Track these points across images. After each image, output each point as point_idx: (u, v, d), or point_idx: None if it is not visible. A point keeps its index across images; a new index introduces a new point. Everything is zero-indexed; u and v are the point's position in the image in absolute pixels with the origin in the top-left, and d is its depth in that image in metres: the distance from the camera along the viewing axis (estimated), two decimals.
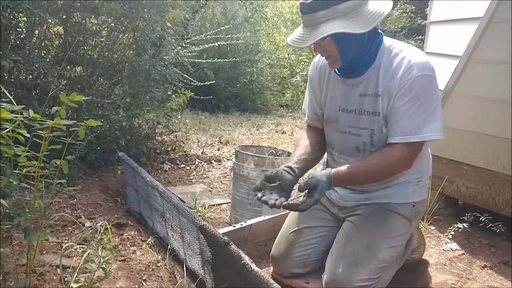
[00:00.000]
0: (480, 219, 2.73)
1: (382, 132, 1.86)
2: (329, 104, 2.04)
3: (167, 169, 4.14)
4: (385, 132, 1.86)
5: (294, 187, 1.93)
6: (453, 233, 2.68)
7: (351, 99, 1.93)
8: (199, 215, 2.83)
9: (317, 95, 2.11)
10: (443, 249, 2.71)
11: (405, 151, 1.79)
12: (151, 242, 2.40)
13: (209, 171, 4.31)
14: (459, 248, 2.72)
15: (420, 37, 8.44)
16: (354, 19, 1.69)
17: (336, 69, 1.95)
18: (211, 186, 3.80)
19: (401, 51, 1.82)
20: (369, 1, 1.75)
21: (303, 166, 2.00)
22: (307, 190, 1.79)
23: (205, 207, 3.17)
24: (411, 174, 1.99)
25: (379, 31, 1.87)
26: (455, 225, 2.70)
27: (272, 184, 1.85)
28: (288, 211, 2.23)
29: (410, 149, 1.79)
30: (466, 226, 2.67)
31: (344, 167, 1.83)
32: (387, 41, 1.87)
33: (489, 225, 2.71)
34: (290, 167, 1.91)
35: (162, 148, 4.58)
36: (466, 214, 2.80)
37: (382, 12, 1.73)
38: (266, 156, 2.79)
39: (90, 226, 2.56)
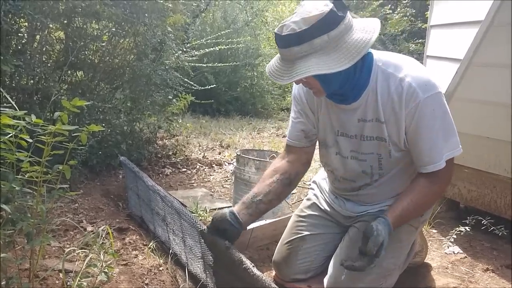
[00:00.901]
0: (482, 222, 2.73)
1: (391, 157, 1.81)
2: (324, 128, 1.93)
3: (168, 173, 4.14)
4: (396, 156, 1.80)
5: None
6: (455, 236, 2.68)
7: (350, 124, 1.83)
8: (200, 220, 2.84)
9: (307, 113, 1.97)
10: (445, 253, 2.71)
11: (443, 175, 1.74)
12: (153, 246, 2.40)
13: (210, 175, 4.31)
14: (461, 251, 2.72)
15: (420, 40, 8.44)
16: (334, 54, 1.53)
17: (329, 97, 1.81)
18: (212, 190, 3.80)
19: (396, 70, 1.69)
20: (354, 27, 1.59)
21: (255, 212, 1.90)
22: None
23: (206, 211, 3.17)
24: None
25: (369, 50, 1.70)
26: (457, 228, 2.70)
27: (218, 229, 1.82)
28: (290, 213, 2.24)
29: (445, 170, 1.73)
30: (468, 229, 2.67)
31: (396, 210, 1.71)
32: (377, 57, 1.74)
33: (491, 228, 2.71)
34: (235, 217, 1.84)
35: (163, 152, 4.58)
36: (468, 217, 2.80)
37: (368, 41, 1.56)
38: (267, 160, 2.80)
39: (92, 231, 2.56)
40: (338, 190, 2.11)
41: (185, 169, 4.35)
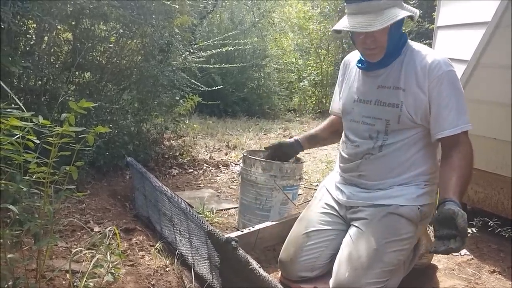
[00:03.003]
0: (489, 223, 2.73)
1: (398, 123, 1.95)
2: (346, 97, 2.18)
3: (175, 174, 4.15)
4: (405, 123, 1.95)
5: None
6: None
7: (369, 90, 2.05)
8: (207, 220, 2.84)
9: (339, 87, 2.29)
10: (452, 254, 2.69)
11: (467, 139, 1.90)
12: (160, 247, 2.41)
13: (217, 175, 4.32)
14: (468, 253, 2.71)
15: (428, 41, 8.41)
16: (404, 9, 1.86)
17: (359, 63, 2.09)
18: (219, 191, 3.81)
19: (421, 50, 1.96)
20: None
21: (312, 145, 2.68)
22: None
23: (213, 212, 3.18)
24: (418, 176, 2.01)
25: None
26: None
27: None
28: (297, 214, 2.24)
29: (466, 139, 1.90)
30: (475, 231, 2.66)
31: (455, 189, 1.77)
32: (409, 41, 2.02)
33: (498, 230, 2.70)
34: (298, 142, 2.57)
35: (170, 153, 4.60)
36: (475, 219, 2.79)
37: (416, 11, 1.90)
38: (274, 161, 2.79)
39: (99, 231, 2.57)
40: (343, 163, 2.18)
41: (191, 170, 4.37)
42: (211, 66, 6.27)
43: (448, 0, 3.30)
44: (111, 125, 3.63)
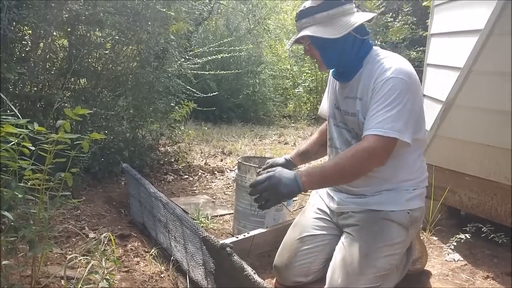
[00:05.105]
0: (483, 229, 2.74)
1: (360, 130, 1.96)
2: (329, 101, 2.25)
3: (171, 180, 4.16)
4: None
5: None
6: (455, 243, 2.69)
7: (340, 99, 2.11)
8: (202, 226, 2.85)
9: (327, 93, 2.32)
10: (446, 260, 2.71)
11: (371, 142, 1.78)
12: (155, 253, 2.41)
13: (212, 182, 4.32)
14: (462, 258, 2.72)
15: (421, 48, 8.46)
16: (328, 27, 1.88)
17: (333, 74, 2.16)
18: (214, 197, 3.81)
19: (383, 58, 1.93)
20: (355, 14, 1.93)
21: (304, 161, 2.51)
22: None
23: (208, 218, 3.18)
24: (406, 181, 2.02)
25: (370, 42, 2.02)
26: (457, 235, 2.71)
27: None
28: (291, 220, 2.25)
29: (376, 141, 1.78)
30: (469, 237, 2.67)
31: (308, 168, 1.91)
32: (378, 51, 2.00)
33: (492, 236, 2.72)
34: (289, 160, 2.42)
35: (166, 159, 4.60)
36: (469, 225, 2.80)
37: (354, 23, 1.88)
38: None
39: (94, 237, 2.57)
40: None
41: (187, 176, 4.37)
42: (207, 73, 6.27)
43: (441, 8, 3.33)
44: (106, 131, 3.63)
